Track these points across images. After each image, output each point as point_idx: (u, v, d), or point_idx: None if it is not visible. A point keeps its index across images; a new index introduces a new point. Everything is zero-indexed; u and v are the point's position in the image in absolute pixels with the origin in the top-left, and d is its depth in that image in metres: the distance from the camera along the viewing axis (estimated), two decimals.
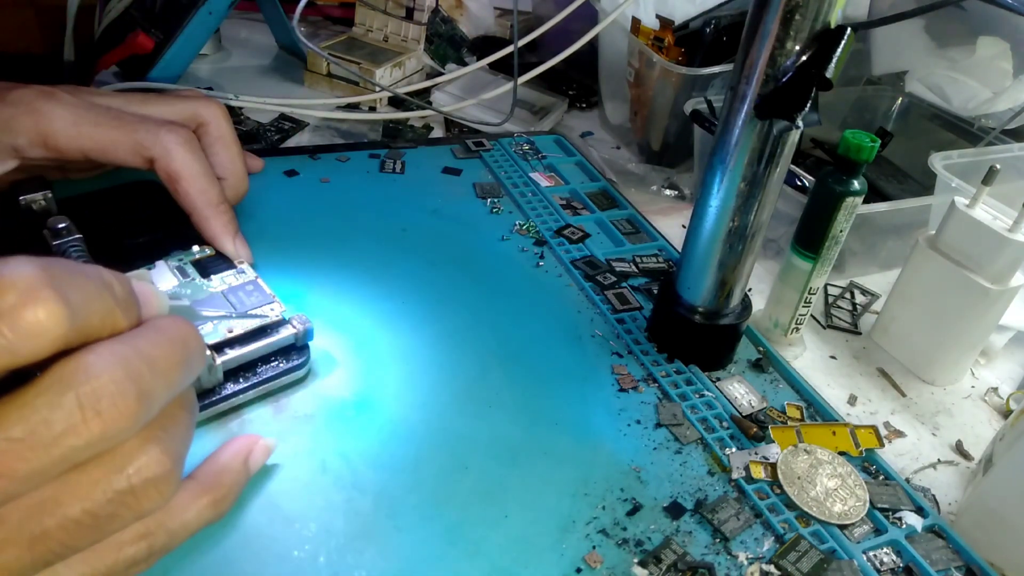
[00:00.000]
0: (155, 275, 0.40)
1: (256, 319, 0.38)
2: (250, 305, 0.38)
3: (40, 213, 0.41)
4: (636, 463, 0.38)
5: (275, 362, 0.38)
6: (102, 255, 0.39)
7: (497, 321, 0.46)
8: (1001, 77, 0.64)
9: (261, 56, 0.77)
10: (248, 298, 0.39)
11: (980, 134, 0.64)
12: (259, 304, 0.39)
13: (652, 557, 0.34)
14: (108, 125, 0.40)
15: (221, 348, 0.36)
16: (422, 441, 0.37)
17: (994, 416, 0.47)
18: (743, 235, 0.40)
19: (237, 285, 0.40)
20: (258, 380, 0.37)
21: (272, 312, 0.38)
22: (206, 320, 0.37)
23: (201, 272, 0.40)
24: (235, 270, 0.41)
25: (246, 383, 0.37)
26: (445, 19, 0.79)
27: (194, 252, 0.42)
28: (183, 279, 0.40)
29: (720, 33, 0.66)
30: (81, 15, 0.68)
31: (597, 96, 0.77)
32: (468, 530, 0.34)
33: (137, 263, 0.41)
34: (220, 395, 0.36)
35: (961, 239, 0.45)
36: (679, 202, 0.65)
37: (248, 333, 0.37)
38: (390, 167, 0.59)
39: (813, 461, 0.39)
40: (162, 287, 0.38)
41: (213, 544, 0.31)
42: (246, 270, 0.41)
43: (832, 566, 0.34)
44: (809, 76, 0.34)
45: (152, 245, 0.43)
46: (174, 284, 0.39)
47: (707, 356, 0.45)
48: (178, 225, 0.43)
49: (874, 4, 0.69)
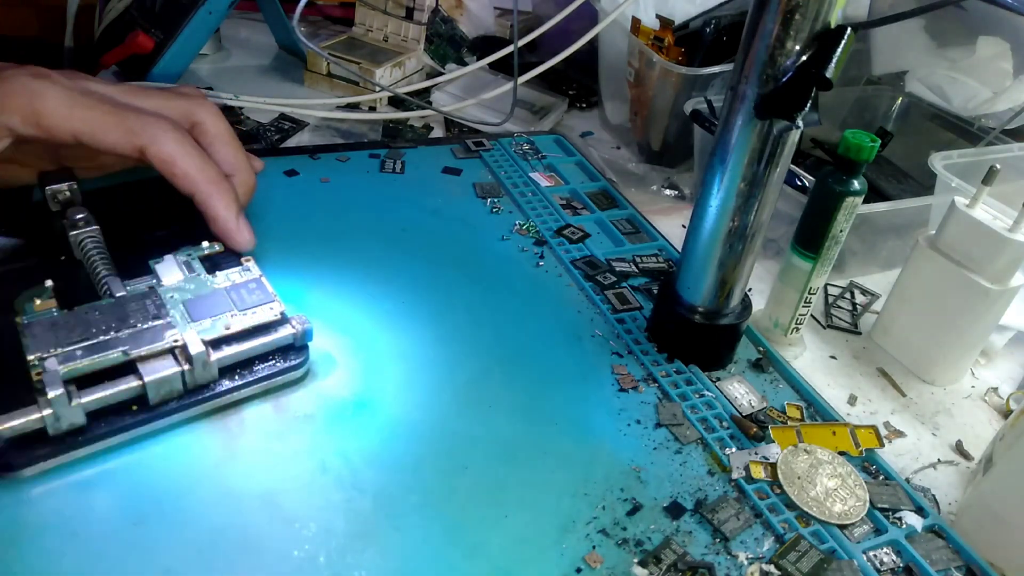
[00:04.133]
0: (162, 269, 0.40)
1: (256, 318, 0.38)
2: (251, 303, 0.38)
3: (64, 203, 0.42)
4: (636, 463, 0.38)
5: (273, 361, 0.38)
6: (119, 247, 0.40)
7: (497, 321, 0.46)
8: (1001, 77, 0.64)
9: (261, 56, 0.77)
10: (249, 296, 0.39)
11: (980, 134, 0.64)
12: (260, 302, 0.39)
13: (652, 557, 0.34)
14: (101, 110, 0.40)
15: (217, 344, 0.36)
16: (422, 441, 0.37)
17: (994, 416, 0.47)
18: (743, 235, 0.40)
19: (241, 283, 0.40)
20: (254, 378, 0.37)
21: (271, 311, 0.38)
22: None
23: (208, 268, 0.41)
24: (240, 267, 0.41)
25: (241, 380, 0.37)
26: (445, 19, 0.79)
27: (203, 248, 0.42)
28: (188, 274, 0.40)
29: (720, 33, 0.66)
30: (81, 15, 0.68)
31: (597, 96, 0.77)
32: (468, 530, 0.34)
33: (153, 255, 0.41)
34: (214, 391, 0.36)
35: (961, 239, 0.45)
36: (679, 202, 0.65)
37: (246, 331, 0.37)
38: (390, 167, 0.59)
39: (813, 461, 0.39)
40: (166, 282, 0.39)
41: (213, 544, 0.31)
42: (251, 268, 0.41)
43: (832, 566, 0.34)
44: (809, 76, 0.34)
45: (168, 239, 0.43)
46: (179, 278, 0.39)
47: (707, 356, 0.45)
48: (195, 220, 0.43)
49: (874, 4, 0.69)
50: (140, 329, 0.36)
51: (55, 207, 0.42)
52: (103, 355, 0.34)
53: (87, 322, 0.35)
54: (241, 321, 0.37)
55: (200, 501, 0.33)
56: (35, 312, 0.35)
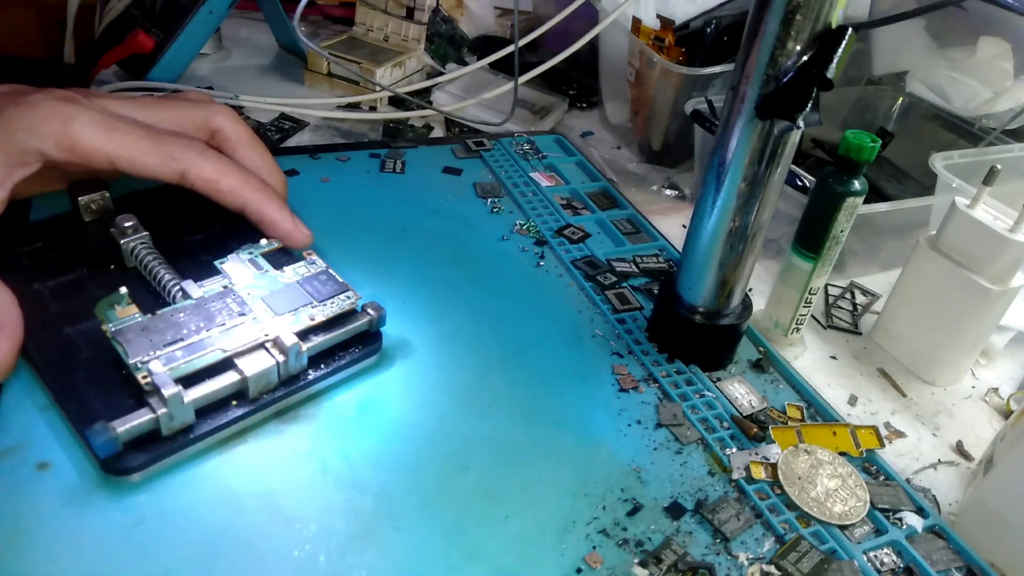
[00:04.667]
0: (228, 268, 0.40)
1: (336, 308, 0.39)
2: (327, 294, 0.40)
3: (98, 212, 0.42)
4: (636, 463, 0.38)
5: (352, 348, 0.39)
6: (165, 252, 0.41)
7: (497, 321, 0.46)
8: (1002, 77, 0.64)
9: (261, 55, 0.77)
10: (323, 287, 0.40)
11: (981, 134, 0.64)
12: (335, 292, 0.40)
13: (652, 557, 0.33)
14: (136, 135, 0.40)
15: (305, 335, 0.37)
16: (422, 441, 0.37)
17: (994, 416, 0.47)
18: (744, 235, 0.40)
19: (311, 275, 0.41)
20: (336, 366, 0.39)
21: (349, 301, 0.39)
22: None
23: (274, 264, 0.41)
24: (305, 261, 0.42)
25: (327, 368, 0.38)
26: (445, 19, 0.78)
27: (263, 245, 0.43)
28: (257, 271, 0.41)
29: (721, 33, 0.66)
30: (81, 14, 0.68)
31: (597, 96, 0.77)
32: (468, 530, 0.34)
33: (201, 258, 0.43)
34: (305, 380, 0.37)
35: (962, 239, 0.45)
36: (680, 202, 0.65)
37: (328, 321, 0.39)
38: (390, 167, 0.59)
39: (813, 461, 0.39)
40: (238, 280, 0.40)
41: (213, 544, 0.31)
42: (316, 260, 0.42)
43: (832, 567, 0.34)
44: (810, 76, 0.34)
45: (212, 240, 0.44)
46: (250, 276, 0.40)
47: (707, 356, 0.45)
48: (233, 219, 0.44)
49: (875, 4, 0.69)
50: (229, 327, 0.36)
51: (89, 216, 0.42)
52: (202, 354, 0.35)
53: (176, 324, 0.36)
54: (323, 311, 0.39)
55: (200, 501, 0.33)
56: (120, 319, 0.36)
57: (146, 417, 0.32)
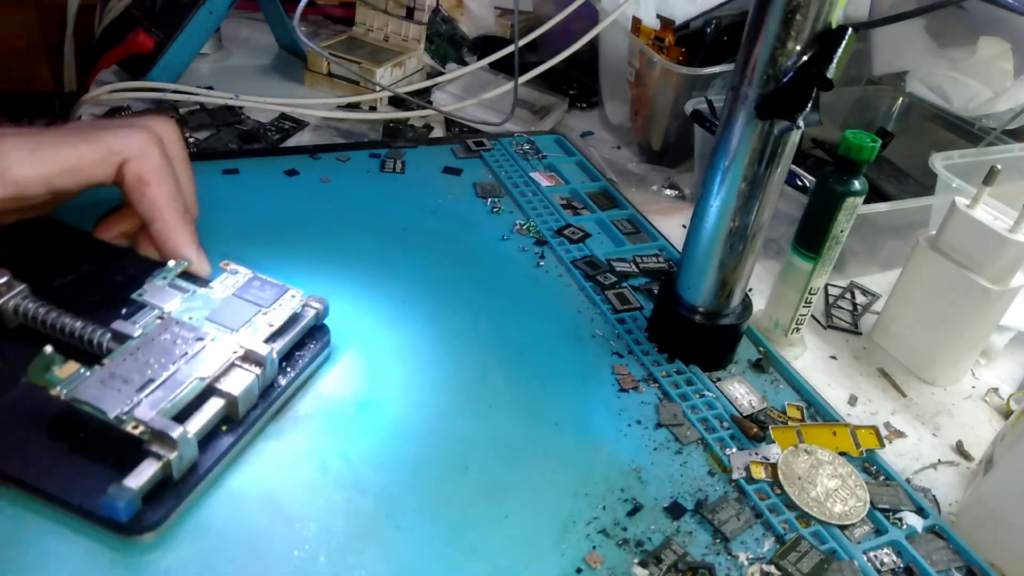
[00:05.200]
0: (150, 298, 0.37)
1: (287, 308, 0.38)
2: (271, 297, 0.39)
3: None
4: (636, 463, 0.38)
5: (308, 345, 0.39)
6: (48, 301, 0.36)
7: (497, 321, 0.46)
8: (1002, 77, 0.64)
9: (261, 55, 0.77)
10: (263, 292, 0.39)
11: (981, 134, 0.64)
12: (279, 294, 0.39)
13: (652, 557, 0.33)
14: (69, 142, 0.37)
15: (271, 340, 0.37)
16: (422, 441, 0.37)
17: (994, 416, 0.47)
18: (744, 235, 0.40)
19: (243, 284, 0.39)
20: (302, 365, 0.38)
21: (295, 299, 0.39)
22: None
23: (196, 285, 0.39)
24: (227, 272, 0.40)
25: (294, 372, 0.38)
26: (445, 19, 0.78)
27: (172, 267, 0.39)
28: (184, 294, 0.38)
29: (721, 33, 0.66)
30: (81, 14, 0.68)
31: (597, 96, 0.77)
32: (468, 530, 0.34)
33: (89, 299, 0.38)
34: (278, 389, 0.37)
35: (962, 239, 0.45)
36: (679, 202, 0.65)
37: (284, 323, 0.38)
38: (390, 167, 0.59)
39: (813, 461, 0.39)
40: (168, 307, 0.37)
41: (213, 544, 0.31)
42: (238, 269, 0.40)
43: (832, 566, 0.34)
44: (810, 76, 0.34)
45: (89, 280, 0.40)
46: (180, 299, 0.38)
47: (707, 356, 0.45)
48: (98, 254, 0.41)
49: (875, 4, 0.69)
50: (192, 355, 0.34)
51: None
52: (182, 388, 0.33)
53: (137, 367, 0.33)
54: (277, 315, 0.38)
55: (200, 501, 0.33)
56: (67, 379, 0.32)
57: (156, 466, 0.31)
